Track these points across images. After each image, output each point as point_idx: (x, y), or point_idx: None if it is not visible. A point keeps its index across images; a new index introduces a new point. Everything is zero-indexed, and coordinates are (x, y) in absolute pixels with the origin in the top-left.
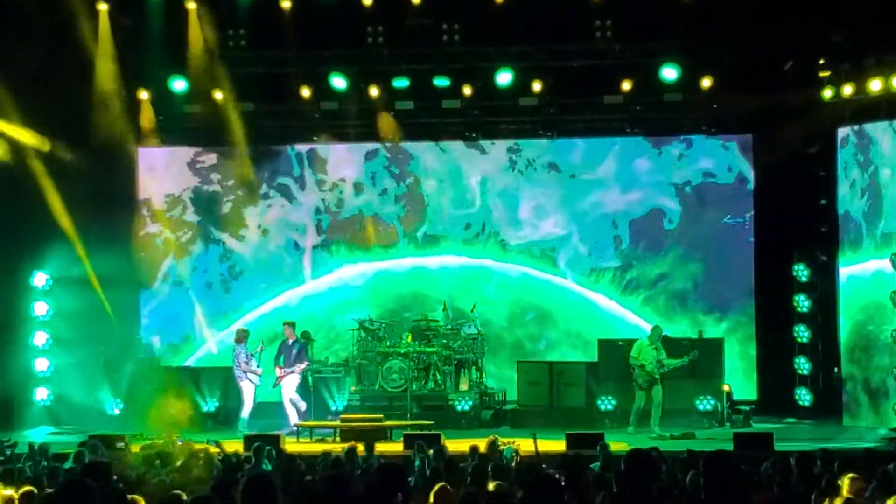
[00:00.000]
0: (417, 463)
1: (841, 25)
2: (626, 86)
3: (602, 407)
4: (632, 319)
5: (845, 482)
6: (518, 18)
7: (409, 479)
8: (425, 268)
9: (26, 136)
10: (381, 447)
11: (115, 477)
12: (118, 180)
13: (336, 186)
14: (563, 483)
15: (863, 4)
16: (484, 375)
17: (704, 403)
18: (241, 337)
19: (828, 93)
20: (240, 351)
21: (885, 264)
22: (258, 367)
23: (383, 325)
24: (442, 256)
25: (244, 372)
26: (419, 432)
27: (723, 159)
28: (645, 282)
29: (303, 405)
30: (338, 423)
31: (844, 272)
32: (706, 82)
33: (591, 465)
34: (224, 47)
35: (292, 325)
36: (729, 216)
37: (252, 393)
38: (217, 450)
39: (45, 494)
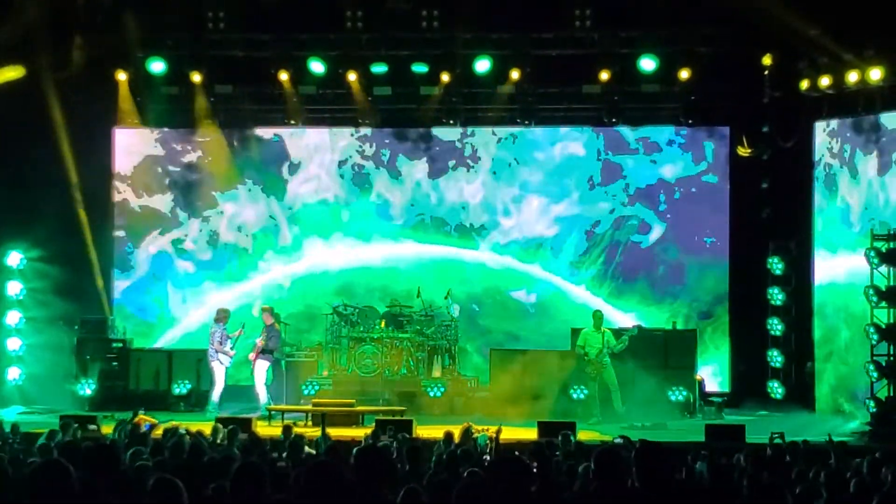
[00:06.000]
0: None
1: (819, 18)
2: (605, 76)
3: (574, 396)
4: (606, 310)
5: None
6: (497, 6)
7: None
8: (399, 256)
9: None
10: (349, 432)
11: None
12: (94, 160)
13: (312, 171)
14: (533, 469)
15: None
16: (457, 362)
17: (676, 394)
18: (221, 317)
19: (805, 85)
20: (215, 330)
21: (861, 259)
22: (231, 349)
23: (357, 310)
24: (416, 245)
25: (216, 352)
26: (391, 418)
27: (699, 151)
28: (620, 273)
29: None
30: (309, 407)
31: (819, 266)
32: (684, 73)
33: (557, 454)
34: (203, 29)
35: (270, 309)
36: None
37: (223, 374)
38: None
39: (18, 475)
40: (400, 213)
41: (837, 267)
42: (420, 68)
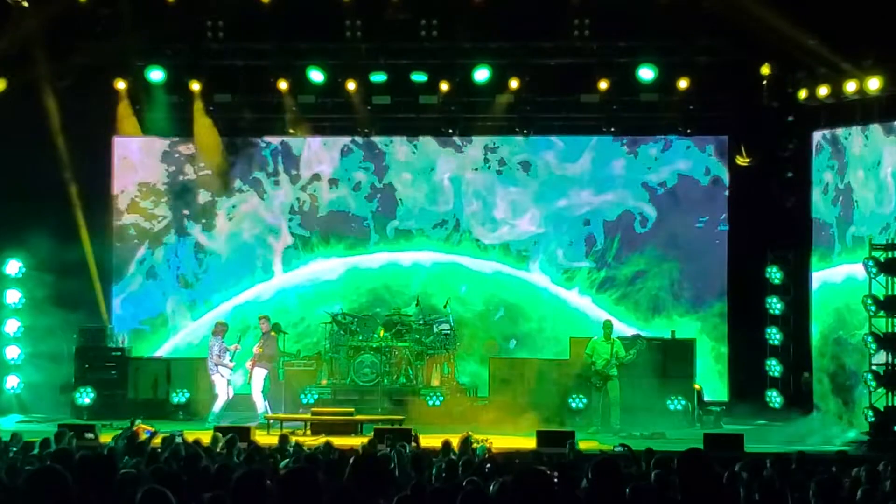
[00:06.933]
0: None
1: (817, 28)
2: (603, 85)
3: (573, 405)
4: (605, 318)
5: None
6: (496, 15)
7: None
8: (398, 263)
9: None
10: (348, 441)
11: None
12: (92, 169)
13: (310, 180)
14: (554, 479)
15: (839, 8)
16: (456, 371)
17: (675, 403)
18: (219, 330)
19: (803, 95)
20: (214, 343)
21: (858, 268)
22: (231, 361)
23: (356, 318)
24: (415, 252)
25: (216, 365)
26: (390, 427)
27: (698, 160)
28: (619, 281)
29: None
30: (308, 416)
31: (817, 276)
32: (682, 83)
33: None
34: (202, 38)
35: (267, 318)
36: (702, 221)
37: (224, 386)
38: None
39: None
40: (400, 219)
41: (835, 276)
42: (419, 77)
